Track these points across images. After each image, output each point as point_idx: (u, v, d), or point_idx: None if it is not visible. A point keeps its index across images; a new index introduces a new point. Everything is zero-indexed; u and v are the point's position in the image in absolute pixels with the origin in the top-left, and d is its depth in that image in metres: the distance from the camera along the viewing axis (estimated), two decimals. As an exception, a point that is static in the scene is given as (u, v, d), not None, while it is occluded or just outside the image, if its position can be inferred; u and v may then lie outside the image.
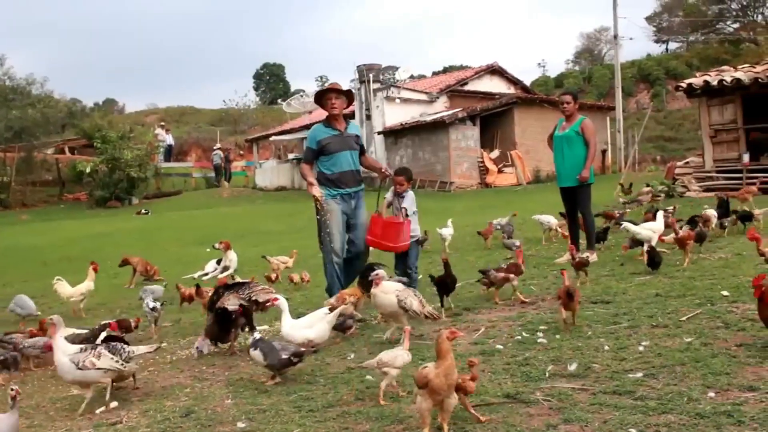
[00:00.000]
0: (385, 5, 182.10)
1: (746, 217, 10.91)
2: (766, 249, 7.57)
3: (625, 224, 9.77)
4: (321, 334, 6.29)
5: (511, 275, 7.72)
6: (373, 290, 6.55)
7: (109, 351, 5.55)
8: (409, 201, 8.40)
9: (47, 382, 6.67)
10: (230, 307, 6.66)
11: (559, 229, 12.57)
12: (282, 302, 6.33)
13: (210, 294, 7.52)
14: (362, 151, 8.47)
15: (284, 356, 5.55)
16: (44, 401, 5.92)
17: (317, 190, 8.03)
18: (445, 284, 7.66)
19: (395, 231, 8.13)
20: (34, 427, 5.23)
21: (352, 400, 4.96)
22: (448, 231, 13.07)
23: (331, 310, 6.57)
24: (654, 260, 8.45)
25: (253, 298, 6.81)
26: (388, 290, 6.48)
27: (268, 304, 6.85)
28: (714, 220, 10.78)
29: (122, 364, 5.53)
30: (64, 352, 5.54)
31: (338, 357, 6.19)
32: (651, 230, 9.32)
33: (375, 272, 6.63)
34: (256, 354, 5.61)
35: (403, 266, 8.48)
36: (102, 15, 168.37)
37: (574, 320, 6.32)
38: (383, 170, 8.47)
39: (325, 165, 8.19)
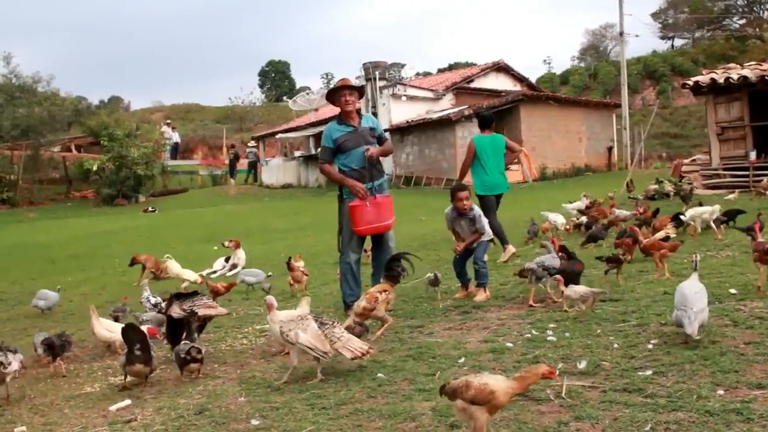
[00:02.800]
0: (390, 3, 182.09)
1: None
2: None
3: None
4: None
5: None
6: (268, 317, 5.91)
7: None
8: (481, 221, 8.36)
9: (60, 379, 6.72)
10: (174, 315, 6.83)
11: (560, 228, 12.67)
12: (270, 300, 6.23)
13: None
14: (382, 140, 8.37)
15: (182, 355, 5.99)
16: (58, 399, 5.96)
17: (360, 185, 7.99)
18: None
19: (383, 209, 8.02)
20: (49, 425, 5.27)
21: (365, 397, 5.00)
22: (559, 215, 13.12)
23: (362, 313, 6.72)
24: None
25: (195, 310, 6.88)
26: (275, 319, 5.76)
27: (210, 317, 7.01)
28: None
29: None
30: None
31: (349, 355, 6.23)
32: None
33: (266, 298, 6.07)
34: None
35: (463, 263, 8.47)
36: (107, 12, 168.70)
37: None
38: (366, 148, 8.10)
39: (344, 162, 8.17)
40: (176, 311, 6.83)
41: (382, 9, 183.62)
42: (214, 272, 13.06)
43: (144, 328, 6.44)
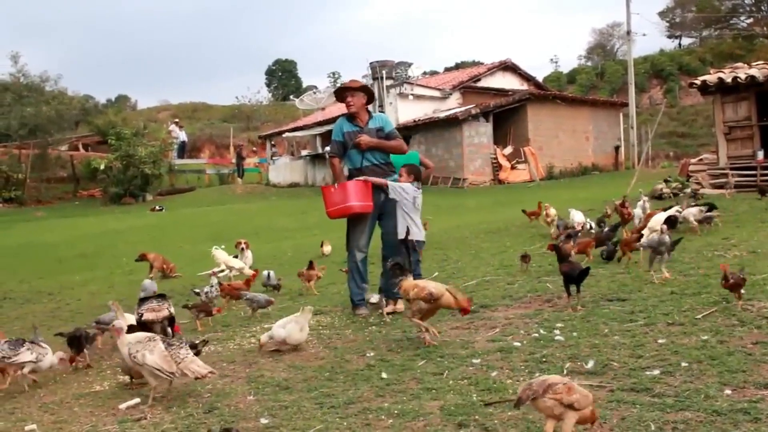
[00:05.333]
0: (397, 2, 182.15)
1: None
2: None
3: None
4: (290, 334, 6.57)
5: None
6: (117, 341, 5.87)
7: None
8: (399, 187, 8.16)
9: (70, 378, 6.75)
10: (134, 317, 7.01)
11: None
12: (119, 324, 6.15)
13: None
14: (389, 139, 8.28)
15: None
16: (68, 397, 5.99)
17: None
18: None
19: (350, 191, 8.00)
20: (59, 423, 5.29)
21: (373, 396, 5.02)
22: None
23: (424, 297, 6.44)
24: None
25: (143, 314, 6.98)
26: (123, 342, 5.72)
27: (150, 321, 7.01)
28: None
29: None
30: None
31: (357, 354, 6.26)
32: None
33: (114, 323, 6.09)
34: None
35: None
36: (114, 12, 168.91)
37: None
38: (357, 135, 8.15)
39: (351, 160, 8.27)
40: (134, 314, 7.01)
41: (389, 8, 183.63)
42: (222, 271, 13.07)
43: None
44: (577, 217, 12.47)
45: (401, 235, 7.90)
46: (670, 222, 10.41)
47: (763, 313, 6.02)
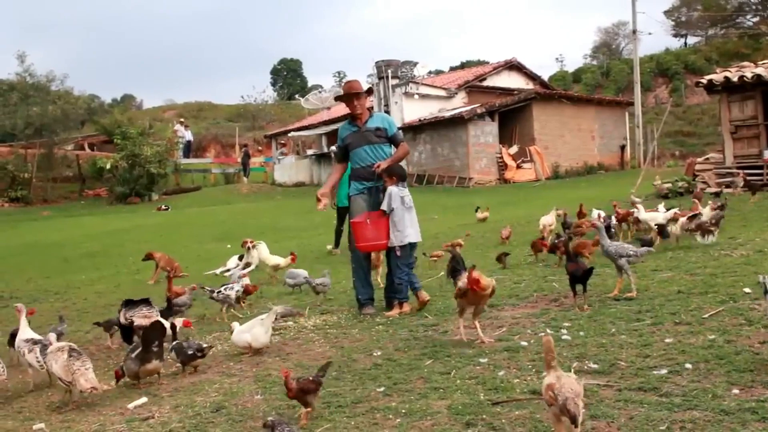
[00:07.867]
0: (402, 1, 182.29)
1: None
2: None
3: None
4: (256, 338, 6.68)
5: None
6: None
7: None
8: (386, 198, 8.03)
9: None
10: (121, 321, 7.22)
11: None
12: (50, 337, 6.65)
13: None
14: (394, 142, 8.31)
15: (189, 352, 6.32)
16: (75, 396, 6.01)
17: (321, 193, 8.51)
18: None
19: (382, 227, 7.97)
20: (67, 422, 5.31)
21: (380, 396, 5.02)
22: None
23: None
24: None
25: (134, 320, 7.03)
26: (51, 350, 6.07)
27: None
28: None
29: None
30: None
31: (364, 353, 6.26)
32: None
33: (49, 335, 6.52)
34: (172, 354, 6.37)
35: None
36: (119, 11, 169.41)
37: None
38: (377, 165, 8.12)
39: (352, 161, 8.39)
40: (122, 318, 7.14)
41: (395, 8, 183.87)
42: (227, 270, 13.07)
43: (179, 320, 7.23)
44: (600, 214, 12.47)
45: (397, 243, 7.94)
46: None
47: (770, 312, 6.00)
